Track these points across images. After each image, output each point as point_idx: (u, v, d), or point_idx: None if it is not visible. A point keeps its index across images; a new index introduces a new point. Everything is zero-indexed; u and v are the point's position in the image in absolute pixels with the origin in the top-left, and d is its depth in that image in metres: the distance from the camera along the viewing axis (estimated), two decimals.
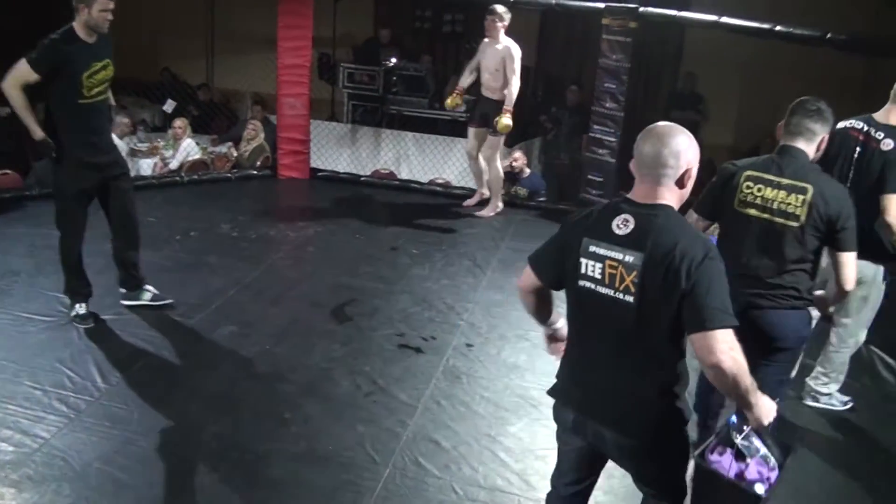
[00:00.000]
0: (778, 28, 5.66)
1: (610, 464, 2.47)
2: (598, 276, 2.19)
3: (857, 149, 3.54)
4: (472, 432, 3.57)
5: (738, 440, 2.46)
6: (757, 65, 8.37)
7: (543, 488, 3.20)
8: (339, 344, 4.30)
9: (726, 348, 2.02)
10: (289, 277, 5.28)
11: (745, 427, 2.43)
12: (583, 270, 2.22)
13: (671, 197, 2.17)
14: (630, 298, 2.13)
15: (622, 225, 2.16)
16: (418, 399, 3.80)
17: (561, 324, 2.54)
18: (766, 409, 2.21)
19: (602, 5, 6.54)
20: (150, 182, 7.12)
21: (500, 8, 6.21)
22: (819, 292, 3.20)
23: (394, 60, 9.09)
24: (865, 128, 3.55)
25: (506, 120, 6.15)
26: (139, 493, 3.05)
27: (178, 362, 4.04)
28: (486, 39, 6.37)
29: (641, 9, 6.39)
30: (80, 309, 4.36)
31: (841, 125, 3.55)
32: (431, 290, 5.08)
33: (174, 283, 4.92)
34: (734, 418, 2.48)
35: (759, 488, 2.44)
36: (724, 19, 5.99)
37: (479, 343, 4.43)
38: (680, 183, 2.17)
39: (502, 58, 6.20)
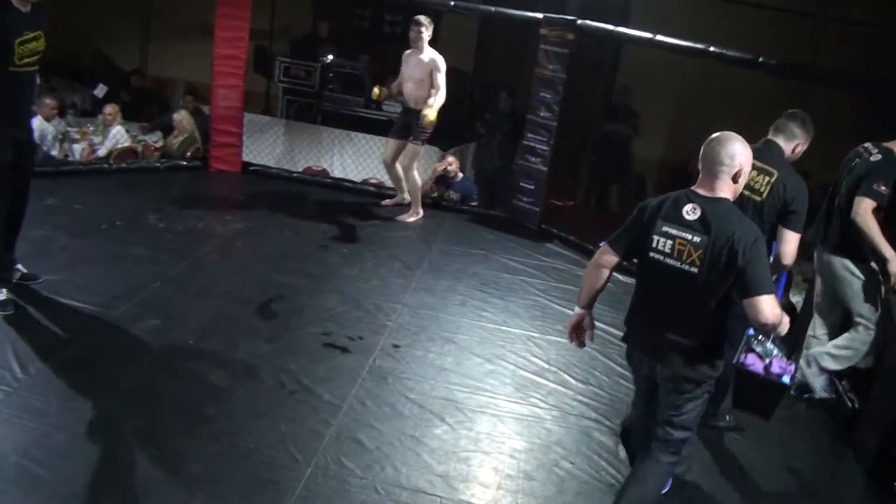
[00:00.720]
0: (712, 49, 5.83)
1: None
2: (668, 251, 2.83)
3: (856, 159, 4.22)
4: (397, 433, 3.60)
5: (756, 346, 3.49)
6: (690, 84, 8.62)
7: (465, 491, 3.29)
8: (264, 341, 4.27)
9: (769, 308, 2.69)
10: (215, 272, 5.20)
11: (760, 337, 3.46)
12: (654, 245, 2.86)
13: (727, 190, 2.83)
14: (694, 270, 2.78)
15: (691, 212, 2.80)
16: (343, 399, 3.81)
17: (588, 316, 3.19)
18: (785, 324, 2.81)
19: (540, 16, 6.65)
20: (78, 168, 6.94)
21: (424, 18, 6.29)
22: None
23: (331, 57, 9.06)
24: (869, 146, 4.21)
25: (429, 112, 6.19)
26: (56, 488, 2.98)
27: (98, 355, 3.95)
28: (408, 50, 6.43)
29: (579, 21, 6.50)
30: (1, 295, 4.23)
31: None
32: (360, 290, 5.09)
33: (97, 273, 4.81)
34: (752, 331, 3.44)
35: (785, 379, 3.48)
36: (659, 37, 6.14)
37: (406, 344, 4.45)
38: (734, 179, 2.82)
39: (429, 69, 6.27)
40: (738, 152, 2.79)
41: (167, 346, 4.11)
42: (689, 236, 2.78)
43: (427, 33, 6.26)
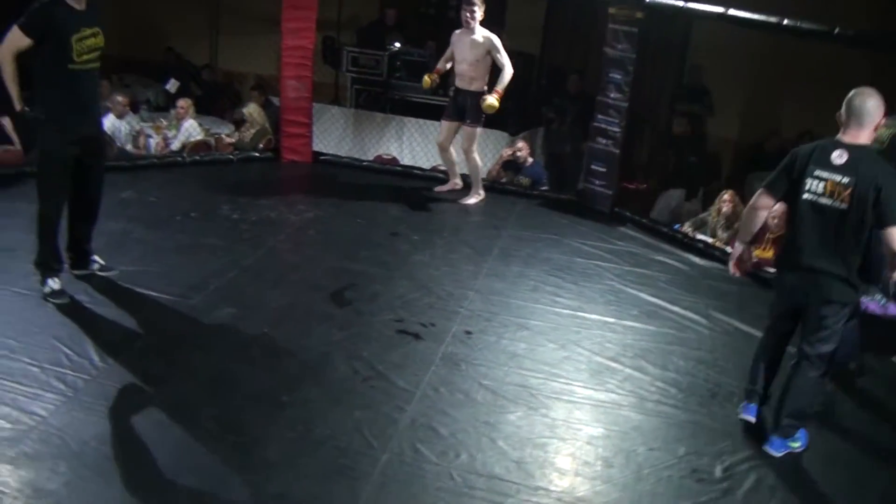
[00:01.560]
0: (785, 22, 5.60)
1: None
2: (821, 191, 3.31)
3: None
4: (471, 420, 3.55)
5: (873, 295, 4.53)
6: (764, 59, 8.32)
7: (542, 478, 3.23)
8: (337, 328, 4.28)
9: None
10: (289, 261, 5.25)
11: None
12: (808, 188, 3.34)
13: (868, 138, 3.33)
14: (844, 206, 3.27)
15: (839, 157, 3.28)
16: (416, 385, 3.78)
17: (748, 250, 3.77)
18: None
19: None
20: (153, 162, 7.09)
21: None
22: None
23: (398, 45, 9.02)
24: None
25: (492, 99, 6.12)
26: (135, 473, 3.03)
27: (175, 343, 4.02)
28: (458, 31, 6.35)
29: None
30: (54, 284, 4.31)
31: None
32: (431, 277, 5.06)
33: (173, 263, 4.91)
34: None
35: None
36: (731, 12, 5.92)
37: (478, 330, 4.41)
38: (874, 129, 3.34)
39: (486, 49, 6.18)
40: (880, 105, 3.28)
41: (242, 334, 4.15)
42: (839, 178, 3.26)
43: (479, 12, 6.17)
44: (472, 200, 6.66)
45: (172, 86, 8.72)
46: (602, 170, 6.78)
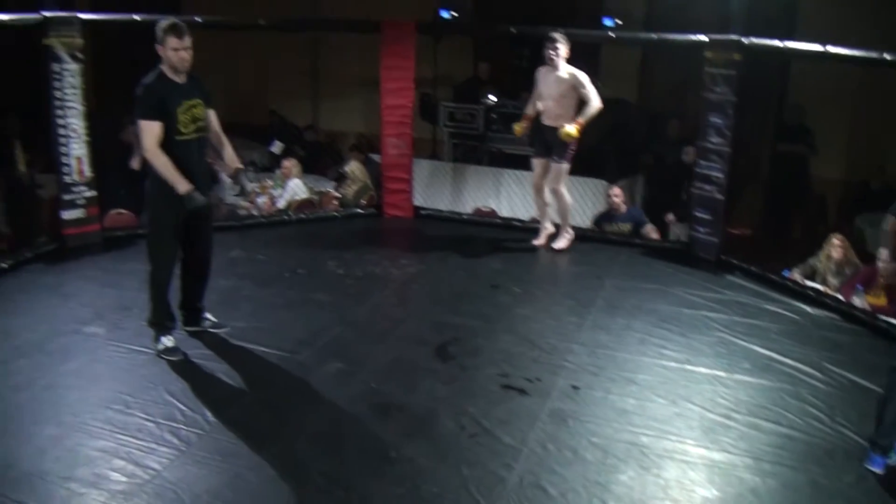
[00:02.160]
0: (887, 56, 5.37)
1: None
2: None
3: None
4: (580, 479, 3.47)
5: None
6: (866, 95, 8.04)
7: None
8: (442, 383, 4.29)
9: None
10: (393, 315, 5.32)
11: None
12: None
13: None
14: None
15: None
16: (523, 442, 3.74)
17: None
18: None
19: (705, 38, 6.40)
20: (260, 221, 7.35)
21: (559, 35, 6.20)
22: None
23: (493, 98, 9.14)
24: None
25: (569, 127, 6.09)
26: None
27: (285, 398, 4.11)
28: (543, 67, 6.36)
29: (746, 40, 6.21)
30: (168, 342, 4.50)
31: None
32: (534, 330, 5.02)
33: (282, 319, 5.04)
34: None
35: None
36: (831, 49, 5.74)
37: (584, 385, 4.33)
38: None
39: (571, 85, 6.18)
40: None
41: (350, 389, 4.21)
42: None
43: (563, 49, 6.18)
44: (562, 243, 6.61)
45: (277, 147, 9.07)
46: (707, 217, 6.62)
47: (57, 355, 4.49)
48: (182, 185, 4.24)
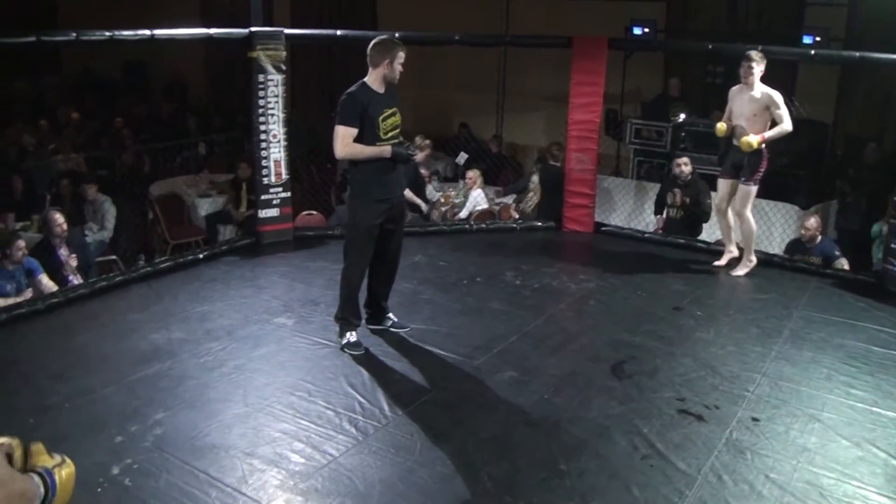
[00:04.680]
0: None
1: None
2: None
3: None
4: None
5: None
6: None
7: None
8: (617, 401, 4.23)
9: None
10: (569, 329, 5.31)
11: None
12: None
13: None
14: None
15: None
16: (698, 469, 3.61)
17: None
18: None
19: None
20: (442, 229, 7.56)
21: (755, 54, 5.97)
22: None
23: (683, 116, 8.92)
24: None
25: (751, 137, 5.85)
26: None
27: (460, 401, 4.20)
28: (736, 86, 6.15)
29: None
30: (352, 337, 4.73)
31: None
32: (715, 356, 4.85)
33: (459, 324, 5.17)
34: None
35: None
36: None
37: (765, 418, 4.12)
38: None
39: (764, 105, 5.93)
40: None
41: (523, 398, 4.24)
42: None
43: (759, 69, 5.94)
44: (742, 271, 6.35)
45: (462, 158, 9.28)
46: None
47: (247, 341, 4.85)
48: (385, 150, 4.53)
